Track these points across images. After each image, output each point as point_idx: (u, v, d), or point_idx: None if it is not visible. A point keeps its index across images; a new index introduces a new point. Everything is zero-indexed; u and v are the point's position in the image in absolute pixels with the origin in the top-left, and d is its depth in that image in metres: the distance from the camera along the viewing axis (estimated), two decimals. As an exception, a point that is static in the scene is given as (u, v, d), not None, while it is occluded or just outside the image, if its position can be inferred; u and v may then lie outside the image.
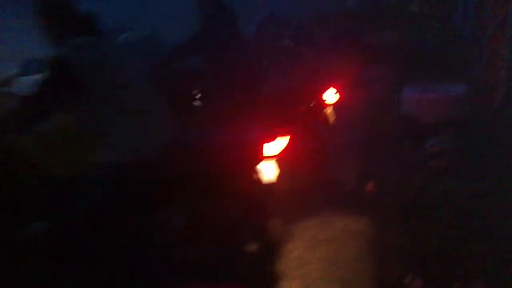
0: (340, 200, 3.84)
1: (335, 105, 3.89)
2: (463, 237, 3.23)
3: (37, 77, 2.63)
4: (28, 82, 2.70)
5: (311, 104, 3.73)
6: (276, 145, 2.65)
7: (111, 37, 2.52)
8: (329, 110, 3.88)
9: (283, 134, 2.68)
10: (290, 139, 2.76)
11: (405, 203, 3.71)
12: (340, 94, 3.85)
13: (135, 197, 2.43)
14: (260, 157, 2.61)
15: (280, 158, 2.88)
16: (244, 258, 2.67)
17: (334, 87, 3.85)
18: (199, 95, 3.60)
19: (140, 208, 2.49)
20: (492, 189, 3.73)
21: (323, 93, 3.82)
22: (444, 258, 3.02)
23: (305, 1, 10.77)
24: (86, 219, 2.38)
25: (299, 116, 3.48)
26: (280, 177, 2.87)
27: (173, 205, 2.52)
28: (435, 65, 6.12)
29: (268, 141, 2.61)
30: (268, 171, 2.71)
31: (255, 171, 2.63)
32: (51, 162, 2.50)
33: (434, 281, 2.82)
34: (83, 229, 2.37)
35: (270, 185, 2.71)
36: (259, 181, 2.64)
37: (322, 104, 3.80)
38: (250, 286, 2.55)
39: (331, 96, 3.83)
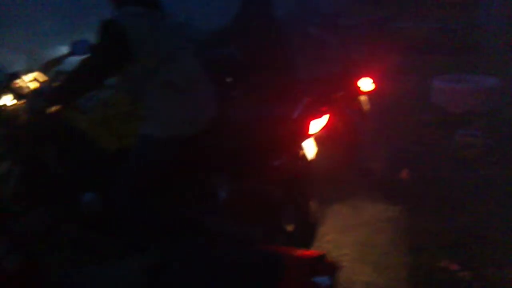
0: (372, 186, 3.90)
1: (369, 93, 3.93)
2: (497, 224, 3.28)
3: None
4: (75, 62, 2.79)
5: (345, 91, 3.78)
6: (320, 123, 2.69)
7: (164, 12, 2.54)
8: (363, 98, 3.92)
9: (325, 113, 2.72)
10: (328, 120, 2.79)
11: (436, 191, 3.76)
12: (374, 83, 3.89)
13: (181, 170, 2.50)
14: (306, 134, 2.66)
15: (318, 139, 2.95)
16: (282, 236, 2.74)
17: (368, 75, 3.89)
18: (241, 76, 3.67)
19: (186, 181, 2.58)
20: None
21: (356, 81, 3.86)
22: (479, 244, 3.07)
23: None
24: (134, 190, 2.46)
25: (335, 101, 3.53)
26: (316, 158, 2.94)
27: (218, 179, 2.59)
28: (466, 56, 6.15)
29: (315, 118, 2.64)
30: (310, 149, 2.77)
31: (301, 147, 2.69)
32: (102, 135, 2.60)
33: (469, 266, 2.86)
34: (131, 200, 2.44)
35: (311, 163, 2.77)
36: (303, 158, 2.69)
37: (357, 92, 3.84)
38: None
39: (366, 84, 3.87)
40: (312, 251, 1.45)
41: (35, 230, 2.74)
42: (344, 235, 3.27)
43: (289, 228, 2.77)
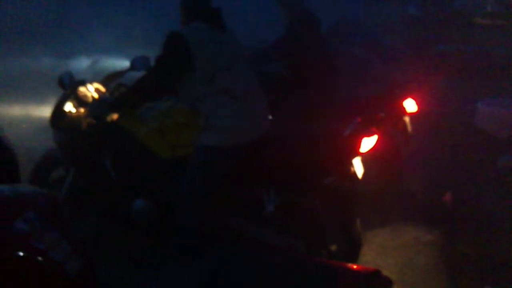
0: (413, 208, 3.87)
1: (412, 115, 3.94)
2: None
3: (142, 72, 2.88)
4: (134, 77, 2.94)
5: (390, 112, 3.80)
6: (371, 143, 2.72)
7: (223, 27, 2.71)
8: (407, 119, 3.94)
9: (374, 133, 2.76)
10: (377, 140, 2.83)
11: (479, 216, 3.72)
12: (417, 104, 3.90)
13: (233, 180, 2.59)
14: (357, 152, 2.70)
15: (363, 159, 2.98)
16: (325, 254, 2.77)
17: (412, 97, 3.90)
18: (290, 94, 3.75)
19: (237, 191, 2.65)
20: None
21: (401, 102, 3.88)
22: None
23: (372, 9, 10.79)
24: (186, 199, 2.55)
25: (379, 121, 3.56)
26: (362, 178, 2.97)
27: (267, 192, 2.65)
28: (509, 80, 6.06)
29: (366, 137, 2.69)
30: (359, 168, 2.80)
31: (350, 166, 2.73)
32: (158, 144, 2.72)
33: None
34: (189, 208, 2.53)
35: (359, 183, 2.80)
36: (352, 177, 2.73)
37: (401, 113, 3.86)
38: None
39: (409, 105, 3.88)
40: (367, 267, 1.49)
41: (88, 235, 2.87)
42: (384, 256, 3.26)
43: (333, 246, 2.80)
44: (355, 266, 1.50)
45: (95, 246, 2.78)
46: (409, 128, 3.97)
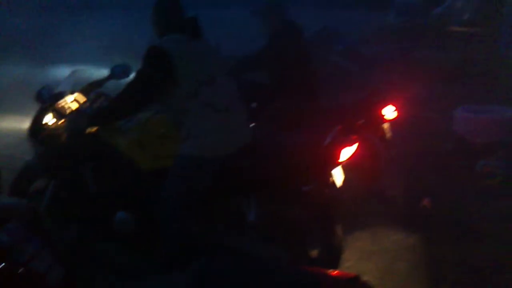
0: (393, 214, 3.92)
1: (392, 121, 4.00)
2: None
3: (123, 81, 2.89)
4: (115, 85, 2.95)
5: (369, 119, 3.86)
6: (350, 151, 2.76)
7: (204, 38, 2.73)
8: (386, 126, 4.00)
9: (355, 141, 2.80)
10: (357, 147, 2.87)
11: (457, 220, 3.79)
12: (397, 111, 3.96)
13: (214, 191, 2.60)
14: (337, 161, 2.74)
15: (343, 166, 3.02)
16: (307, 260, 2.80)
17: (391, 104, 3.97)
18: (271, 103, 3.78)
19: (218, 202, 2.67)
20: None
21: (380, 109, 3.95)
22: (500, 274, 3.09)
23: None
24: (175, 209, 2.56)
25: (359, 128, 3.61)
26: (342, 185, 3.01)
27: (248, 201, 2.67)
28: (486, 87, 6.21)
29: (346, 146, 2.73)
30: (339, 176, 2.84)
31: (330, 174, 2.77)
32: (139, 155, 2.72)
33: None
34: (172, 218, 2.54)
35: (339, 190, 2.84)
36: (332, 185, 2.76)
37: (381, 119, 3.92)
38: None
39: (388, 112, 3.94)
40: (347, 272, 1.52)
41: (69, 246, 2.85)
42: (364, 261, 3.30)
43: (314, 253, 2.83)
44: (335, 272, 1.53)
45: (78, 257, 2.79)
46: (389, 134, 4.03)
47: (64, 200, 2.97)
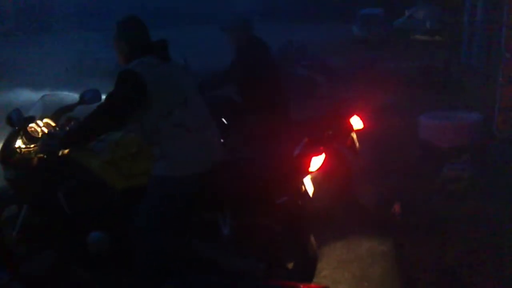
0: (364, 221, 4.00)
1: (359, 131, 4.11)
2: (486, 254, 3.41)
3: (93, 106, 2.90)
4: (85, 110, 2.95)
5: (337, 129, 3.96)
6: (319, 161, 2.83)
7: (173, 61, 2.75)
8: (354, 135, 4.10)
9: (322, 151, 2.87)
10: (326, 157, 2.94)
11: (427, 223, 3.89)
12: (363, 121, 4.07)
13: (188, 207, 2.63)
14: (306, 171, 2.80)
15: (313, 177, 3.09)
16: (283, 271, 2.84)
17: (357, 114, 4.08)
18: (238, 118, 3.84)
19: (192, 217, 2.69)
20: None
21: (347, 119, 4.05)
22: (470, 274, 3.19)
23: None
24: (143, 227, 2.57)
25: (327, 139, 3.69)
26: (313, 195, 3.07)
27: (221, 216, 2.70)
28: (449, 94, 6.43)
29: (315, 156, 2.79)
30: (310, 186, 2.90)
31: (302, 185, 2.82)
32: (111, 175, 2.73)
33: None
34: (146, 237, 2.55)
35: (311, 200, 2.89)
36: (304, 195, 2.82)
37: (349, 130, 4.02)
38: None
39: (355, 122, 4.05)
40: (317, 285, 1.56)
41: (41, 272, 2.83)
42: (340, 270, 3.35)
43: (289, 264, 2.87)
44: (306, 286, 1.58)
45: (53, 281, 2.77)
46: (357, 144, 4.13)
47: (37, 224, 2.94)
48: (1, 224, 3.16)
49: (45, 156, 2.78)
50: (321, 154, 2.83)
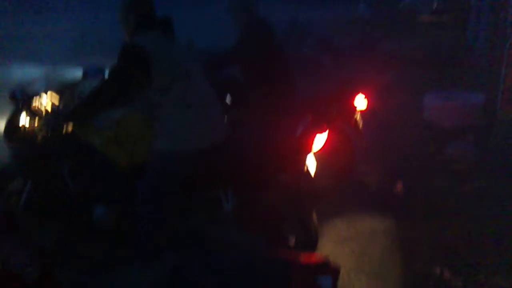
0: (366, 199, 4.04)
1: (363, 110, 4.11)
2: (487, 233, 3.44)
3: (96, 81, 2.91)
4: (88, 85, 2.96)
5: (342, 108, 3.96)
6: (322, 140, 2.84)
7: (177, 38, 2.75)
8: (358, 115, 4.10)
9: (325, 130, 2.88)
10: (330, 136, 2.95)
11: (429, 202, 3.92)
12: (368, 100, 4.07)
13: (191, 183, 2.65)
14: (309, 149, 2.81)
15: (317, 155, 3.11)
16: (284, 247, 2.88)
17: (362, 93, 4.07)
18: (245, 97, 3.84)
19: (195, 193, 2.72)
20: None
21: (352, 99, 4.05)
22: (471, 252, 3.23)
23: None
24: (146, 203, 2.60)
25: (333, 118, 3.70)
26: (316, 173, 3.10)
27: (225, 192, 2.73)
28: (454, 74, 6.39)
29: (317, 135, 2.80)
30: (312, 164, 2.92)
31: (304, 162, 2.84)
32: (114, 151, 2.75)
33: (461, 273, 3.01)
34: (150, 212, 2.58)
35: (313, 178, 2.92)
36: (307, 172, 2.84)
37: (353, 109, 4.02)
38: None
39: (360, 101, 4.05)
40: (317, 256, 1.60)
41: (47, 244, 2.87)
42: (341, 246, 3.40)
43: (291, 239, 2.91)
44: (306, 255, 1.61)
45: (58, 254, 2.81)
46: (361, 124, 4.13)
47: (42, 199, 2.98)
48: (7, 198, 3.22)
49: (49, 133, 2.80)
50: (324, 132, 2.84)
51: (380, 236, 3.52)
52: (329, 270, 1.55)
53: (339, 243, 3.45)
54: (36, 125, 2.83)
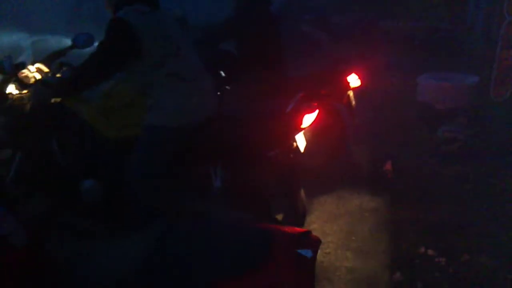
0: (356, 178, 4.07)
1: (356, 89, 4.10)
2: (474, 215, 3.48)
3: (86, 50, 2.87)
4: (77, 55, 2.93)
5: (334, 87, 3.95)
6: (312, 118, 2.84)
7: (164, 10, 2.71)
8: (351, 93, 4.09)
9: (316, 108, 2.87)
10: (317, 115, 2.94)
11: (418, 183, 3.95)
12: (361, 79, 4.05)
13: (181, 158, 2.66)
14: (299, 127, 2.82)
15: (307, 132, 3.11)
16: (272, 224, 2.90)
17: (355, 72, 4.06)
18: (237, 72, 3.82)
19: (185, 169, 2.73)
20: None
21: (345, 77, 4.03)
22: (456, 233, 3.26)
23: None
24: (136, 177, 2.60)
25: (325, 96, 3.69)
26: (306, 151, 3.10)
27: (214, 168, 2.74)
28: (448, 55, 6.36)
29: (308, 113, 2.80)
30: (302, 142, 2.92)
31: (294, 140, 2.84)
32: (103, 124, 2.74)
33: (446, 252, 3.05)
34: (141, 185, 2.59)
35: (302, 156, 2.92)
36: (296, 150, 2.84)
37: (346, 87, 4.01)
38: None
39: (353, 80, 4.03)
40: (299, 228, 1.62)
41: (35, 213, 2.88)
42: (329, 224, 3.45)
43: (279, 216, 2.93)
44: (287, 228, 1.63)
45: (46, 223, 2.83)
46: (353, 102, 4.13)
47: (31, 170, 2.98)
48: (-3, 168, 3.21)
49: (37, 104, 2.78)
50: (314, 111, 2.83)
51: (368, 215, 3.56)
52: (311, 242, 1.56)
53: (328, 220, 3.49)
54: (24, 94, 2.81)
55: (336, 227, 3.41)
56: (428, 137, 4.77)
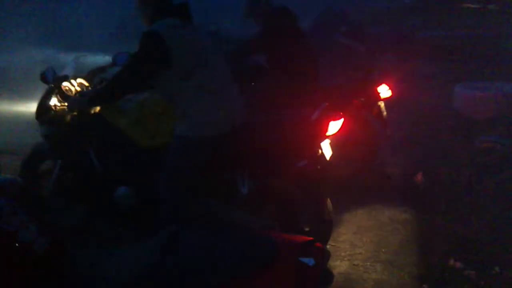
0: (387, 190, 4.04)
1: (387, 100, 4.09)
2: (507, 228, 3.38)
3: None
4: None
5: (365, 97, 3.96)
6: (337, 126, 2.86)
7: (194, 24, 2.83)
8: (382, 104, 4.08)
9: (341, 117, 2.89)
10: (345, 124, 2.96)
11: (452, 195, 3.87)
12: (391, 90, 4.04)
13: (209, 167, 2.74)
14: (324, 135, 2.85)
15: (338, 143, 3.13)
16: (299, 234, 2.92)
17: (386, 83, 4.05)
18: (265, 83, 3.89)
19: (212, 176, 2.81)
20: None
21: (375, 88, 4.03)
22: (488, 246, 3.18)
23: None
24: (173, 184, 2.70)
25: (354, 106, 3.70)
26: (336, 161, 3.11)
27: (241, 176, 2.80)
28: (495, 65, 6.21)
29: (333, 120, 2.83)
30: (327, 151, 2.94)
31: (319, 148, 2.88)
32: (137, 133, 2.87)
33: (477, 266, 2.98)
34: (171, 193, 2.69)
35: (328, 164, 2.94)
36: (322, 159, 2.87)
37: (376, 98, 4.00)
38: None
39: (383, 91, 4.03)
40: (303, 237, 1.64)
41: (72, 224, 3.02)
42: (359, 235, 3.43)
43: (306, 226, 2.95)
44: (292, 237, 1.66)
45: (83, 234, 2.96)
46: (385, 112, 4.12)
47: (70, 180, 3.14)
48: (39, 178, 3.40)
49: (76, 114, 2.95)
50: (339, 119, 2.86)
51: (399, 227, 3.52)
52: (315, 252, 1.58)
53: (358, 232, 3.47)
54: (66, 106, 2.97)
55: (366, 238, 3.39)
56: (464, 147, 4.67)
